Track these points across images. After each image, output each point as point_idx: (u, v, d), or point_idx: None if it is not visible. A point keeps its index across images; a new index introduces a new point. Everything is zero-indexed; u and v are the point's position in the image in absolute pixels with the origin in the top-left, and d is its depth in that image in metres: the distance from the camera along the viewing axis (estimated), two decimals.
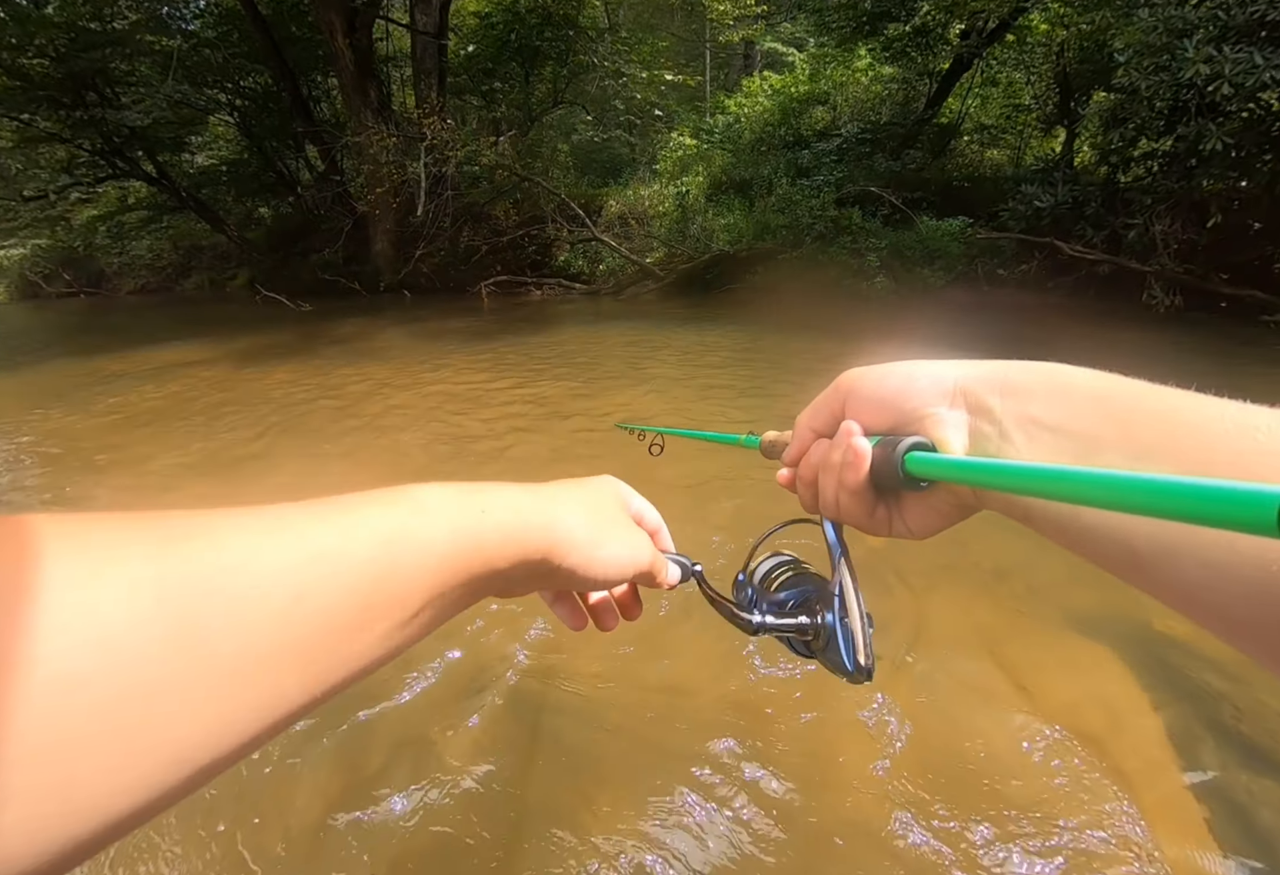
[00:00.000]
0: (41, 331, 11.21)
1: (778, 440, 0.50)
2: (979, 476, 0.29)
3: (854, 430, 0.36)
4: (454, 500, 0.31)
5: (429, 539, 0.28)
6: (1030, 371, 0.33)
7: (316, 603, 0.23)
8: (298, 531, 0.24)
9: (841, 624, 0.39)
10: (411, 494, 0.30)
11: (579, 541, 0.37)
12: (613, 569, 0.39)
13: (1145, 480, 0.19)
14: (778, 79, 12.82)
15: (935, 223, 8.20)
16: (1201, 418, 0.26)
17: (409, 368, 5.24)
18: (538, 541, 0.34)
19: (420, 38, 11.36)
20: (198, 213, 14.67)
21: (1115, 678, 1.54)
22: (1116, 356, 4.15)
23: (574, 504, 0.39)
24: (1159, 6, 6.16)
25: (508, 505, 0.34)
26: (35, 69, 11.85)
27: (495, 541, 0.31)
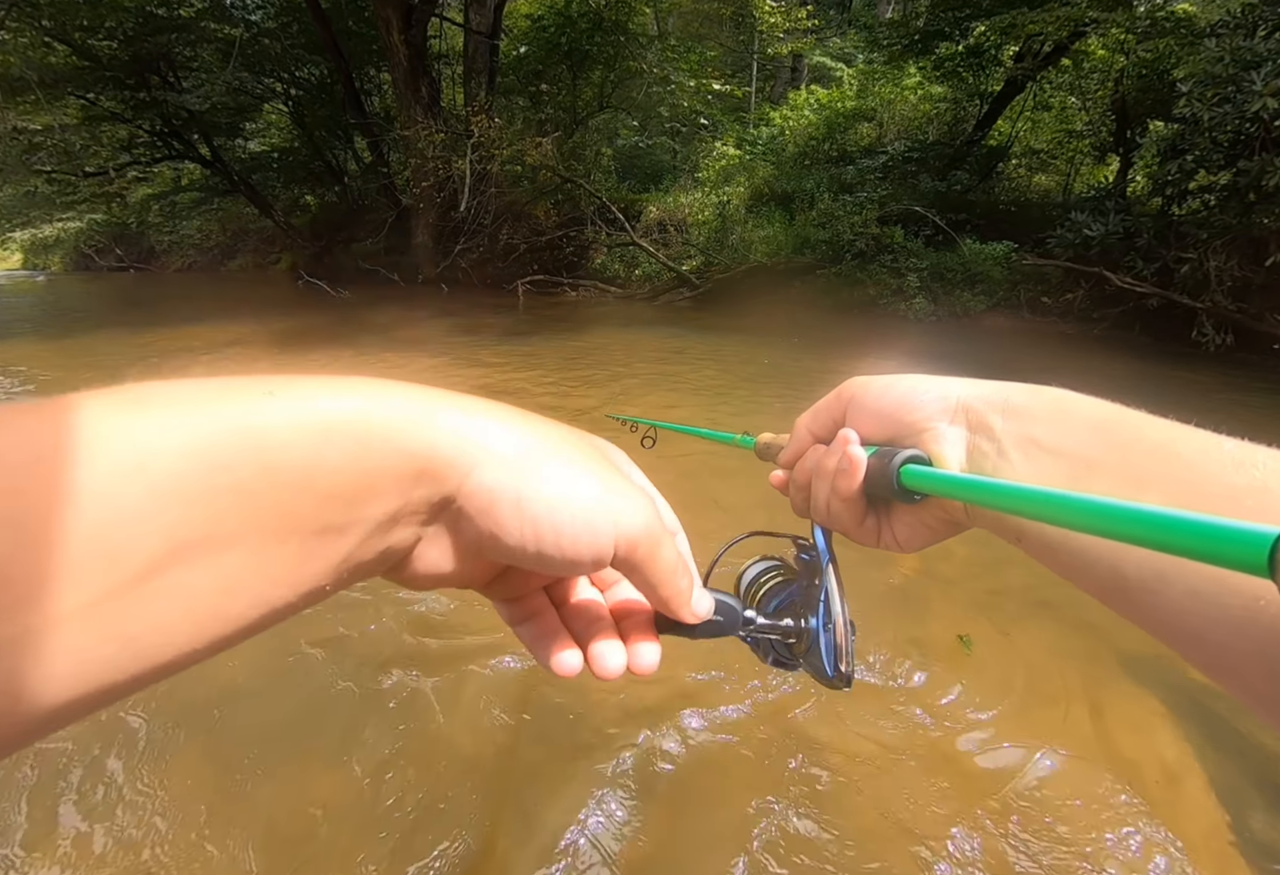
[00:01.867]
0: (93, 303, 11.54)
1: (773, 443, 0.50)
2: (973, 494, 0.28)
3: (851, 438, 0.36)
4: (217, 387, 0.21)
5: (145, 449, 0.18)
6: (1034, 394, 0.33)
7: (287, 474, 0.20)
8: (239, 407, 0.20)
9: (825, 630, 0.39)
10: (130, 391, 0.20)
11: (497, 451, 0.24)
12: (572, 523, 0.24)
13: (1139, 511, 0.19)
14: (824, 93, 12.78)
15: (979, 246, 8.11)
16: (1199, 451, 0.27)
17: (443, 359, 5.30)
18: (399, 436, 0.22)
19: (473, 37, 11.54)
20: (248, 197, 15.04)
21: (1167, 724, 1.49)
22: (1162, 393, 4.03)
23: (507, 417, 0.26)
24: (1226, 37, 6.03)
25: (338, 390, 0.22)
26: (104, 50, 12.28)
27: (299, 441, 0.20)
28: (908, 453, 0.34)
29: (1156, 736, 1.48)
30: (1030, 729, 1.47)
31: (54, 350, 6.07)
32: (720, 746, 1.40)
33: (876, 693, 1.57)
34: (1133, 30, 7.25)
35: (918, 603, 1.94)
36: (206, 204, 17.65)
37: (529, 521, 0.24)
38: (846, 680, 0.38)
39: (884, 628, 1.78)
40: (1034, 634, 1.83)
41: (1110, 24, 7.32)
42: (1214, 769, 1.39)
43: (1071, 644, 1.78)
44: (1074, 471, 0.29)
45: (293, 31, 12.97)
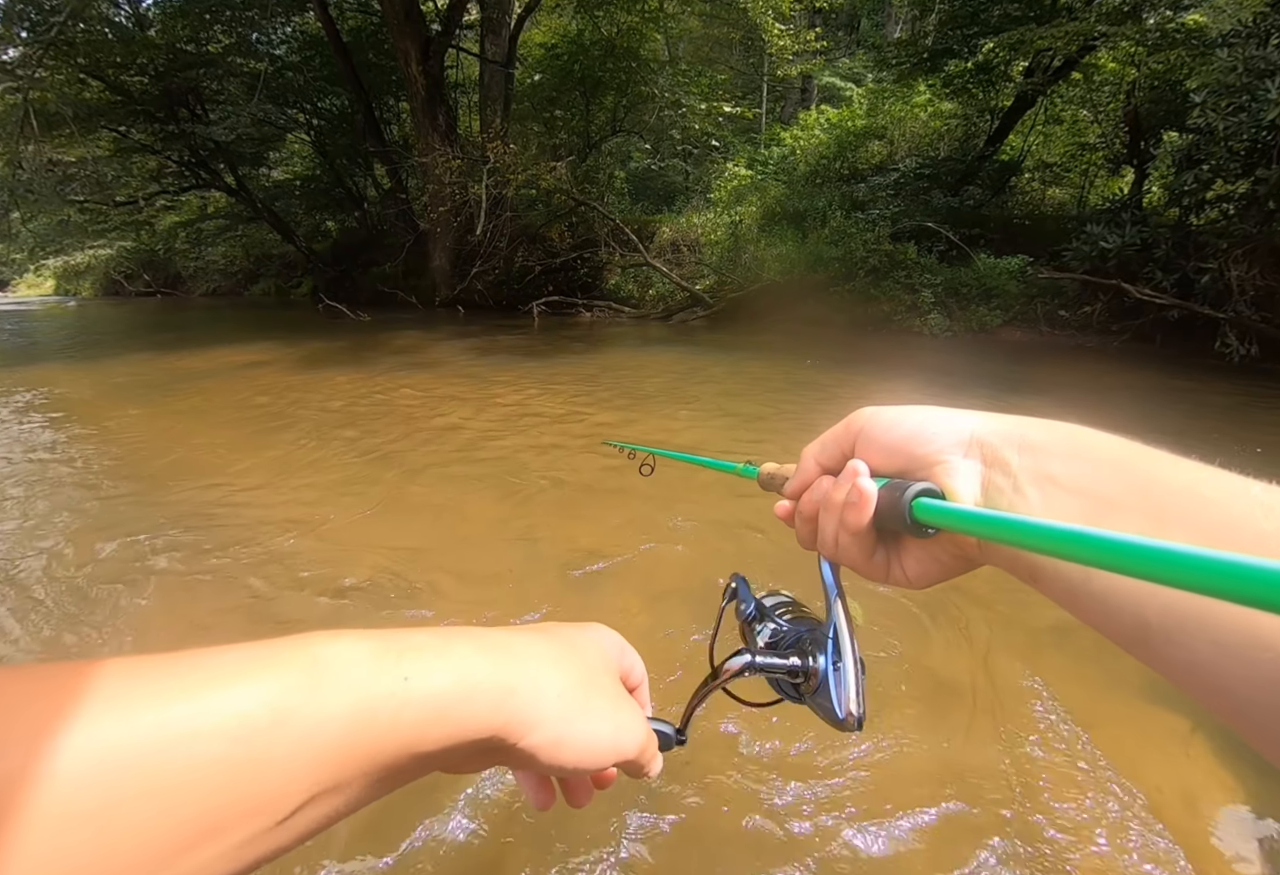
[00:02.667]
0: (121, 327, 11.86)
1: (777, 473, 0.48)
2: (990, 529, 0.27)
3: (860, 470, 0.35)
4: (368, 661, 0.24)
5: (315, 724, 0.22)
6: (1051, 430, 0.32)
7: (129, 818, 0.17)
8: (117, 716, 0.18)
9: (834, 669, 0.38)
10: (310, 654, 0.23)
11: (546, 717, 0.29)
12: (588, 755, 0.31)
13: (1171, 549, 0.18)
14: (834, 113, 12.91)
15: (993, 260, 8.08)
16: (1224, 493, 0.26)
17: (460, 380, 5.36)
18: (486, 717, 0.26)
19: (489, 66, 11.86)
20: (271, 223, 15.47)
21: (1189, 746, 1.44)
22: (1187, 405, 3.95)
23: (549, 662, 0.31)
24: (1238, 46, 6.02)
25: (449, 667, 0.26)
26: (135, 85, 12.81)
27: (420, 719, 0.24)
28: (920, 485, 0.33)
29: (1177, 758, 1.43)
30: (1046, 749, 1.43)
31: (82, 373, 6.24)
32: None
33: (886, 711, 1.54)
34: (1143, 43, 7.27)
35: (932, 621, 1.91)
36: (231, 231, 18.20)
37: (559, 760, 0.30)
38: (857, 722, 0.36)
39: (899, 642, 1.75)
40: (1050, 652, 1.78)
41: (1120, 37, 7.34)
42: (1240, 795, 1.34)
43: (1086, 665, 1.73)
44: (1093, 510, 0.28)
45: (315, 64, 13.46)
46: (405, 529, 2.53)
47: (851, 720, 0.36)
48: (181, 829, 0.18)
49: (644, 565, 2.23)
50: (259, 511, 2.70)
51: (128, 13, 13.21)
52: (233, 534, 2.47)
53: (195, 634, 1.88)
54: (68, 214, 15.54)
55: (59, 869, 0.16)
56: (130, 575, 2.17)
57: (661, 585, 2.10)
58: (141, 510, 2.70)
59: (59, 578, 2.16)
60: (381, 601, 2.02)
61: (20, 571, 2.20)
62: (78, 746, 0.17)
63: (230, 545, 2.38)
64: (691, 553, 2.31)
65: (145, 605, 2.01)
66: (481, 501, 2.81)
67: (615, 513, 2.66)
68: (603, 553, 2.30)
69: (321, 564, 2.24)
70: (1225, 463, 0.28)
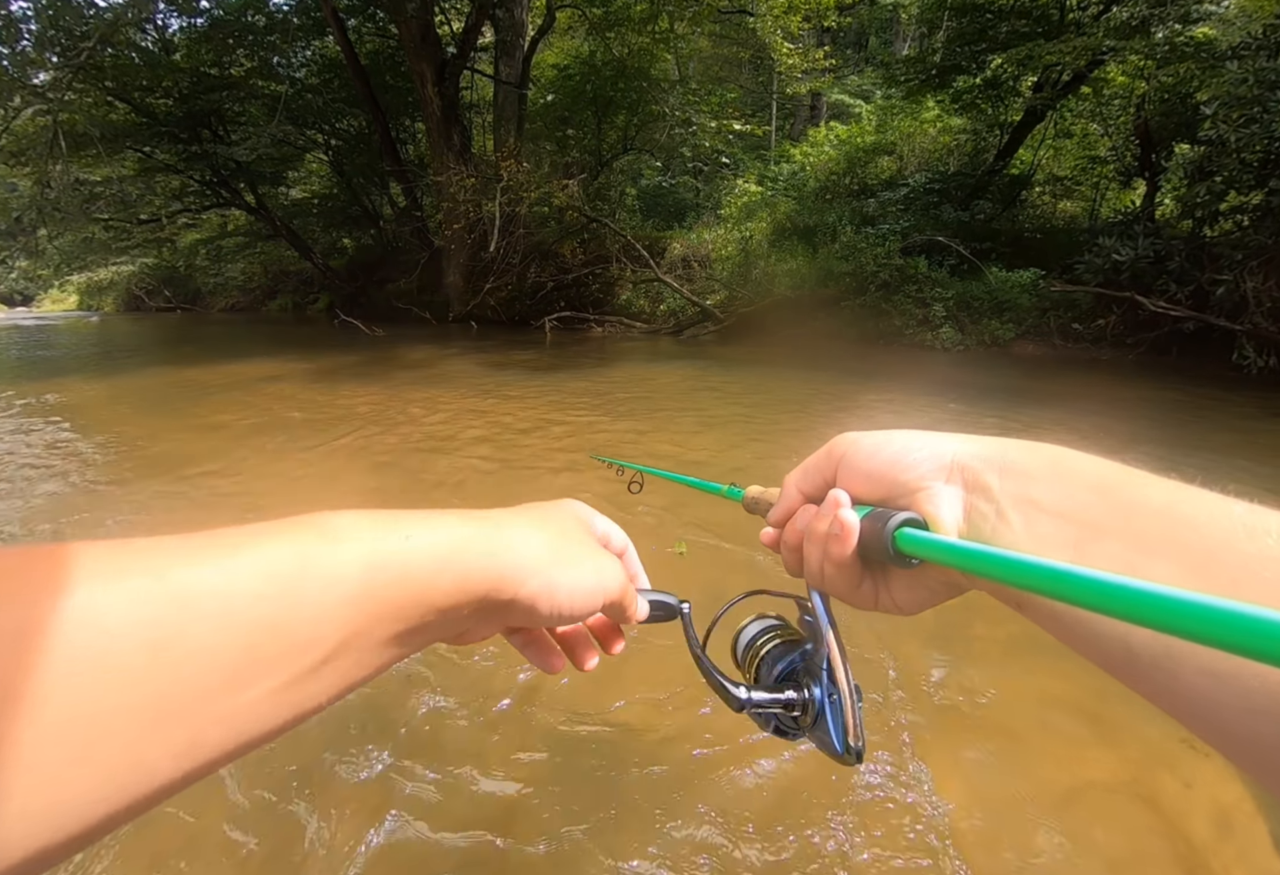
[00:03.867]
0: (143, 342, 12.09)
1: (762, 497, 0.48)
2: (973, 564, 0.27)
3: (842, 501, 0.35)
4: (371, 524, 0.28)
5: (336, 568, 0.25)
6: (1032, 453, 0.32)
7: (179, 653, 0.20)
8: (158, 571, 0.21)
9: (830, 701, 0.37)
10: (319, 520, 0.27)
11: (536, 565, 0.33)
12: (579, 596, 0.34)
13: (1154, 593, 0.18)
14: (844, 129, 13.02)
15: (1005, 274, 8.07)
16: (1206, 515, 0.25)
17: (473, 394, 5.41)
18: (482, 568, 0.30)
19: (503, 87, 12.11)
20: (289, 241, 15.77)
21: (1217, 765, 1.41)
22: (1205, 418, 3.89)
23: (527, 526, 0.35)
24: (1249, 58, 6.03)
25: (440, 529, 0.30)
26: (160, 107, 13.20)
27: (426, 570, 0.27)
28: (903, 515, 0.32)
29: (1205, 779, 1.40)
30: (1065, 771, 1.40)
31: (104, 387, 6.35)
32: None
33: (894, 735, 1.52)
34: (1152, 56, 7.29)
35: (950, 631, 1.88)
36: (250, 248, 18.60)
37: (556, 605, 0.34)
38: (857, 756, 0.36)
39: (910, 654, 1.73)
40: (1063, 670, 1.75)
41: (1128, 51, 7.37)
42: (1275, 818, 1.30)
43: (1105, 679, 1.70)
44: (1076, 535, 0.28)
45: (334, 87, 13.81)
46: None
47: (852, 754, 0.36)
48: (232, 659, 0.21)
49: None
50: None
51: (154, 38, 13.64)
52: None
53: None
54: (93, 231, 15.95)
55: (129, 690, 0.18)
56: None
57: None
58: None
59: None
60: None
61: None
62: (146, 587, 0.20)
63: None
64: (702, 561, 2.30)
65: None
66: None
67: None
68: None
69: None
70: (1230, 477, 0.28)
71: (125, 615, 0.19)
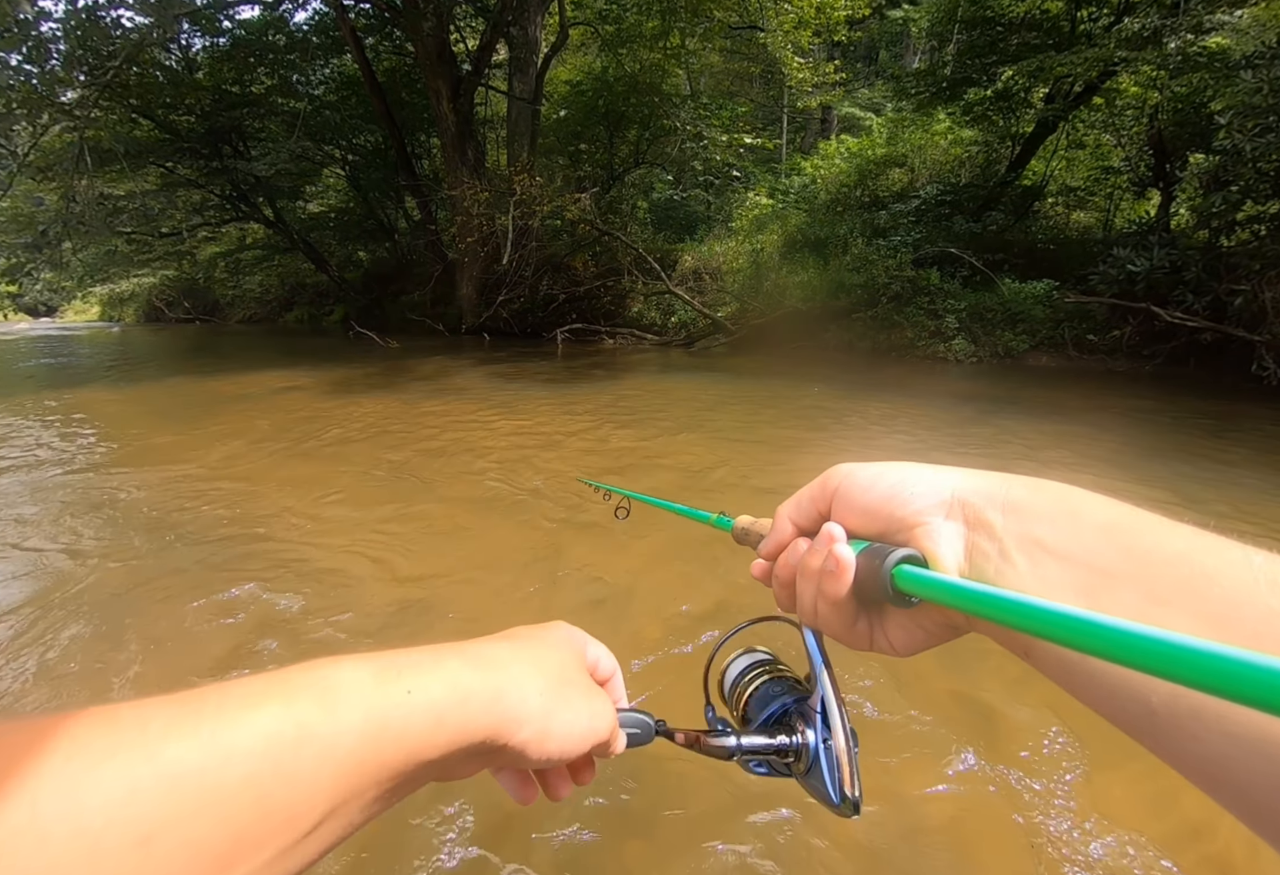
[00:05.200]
0: (162, 352, 12.29)
1: (752, 528, 0.46)
2: (979, 606, 0.25)
3: (837, 536, 0.33)
4: (373, 680, 0.26)
5: (334, 738, 0.23)
6: (1037, 490, 0.30)
7: (169, 845, 0.18)
8: (150, 749, 0.19)
9: (825, 747, 0.35)
10: (320, 677, 0.25)
11: (531, 714, 0.32)
12: (569, 743, 0.33)
13: (1186, 645, 0.16)
14: (855, 142, 13.05)
15: (1018, 285, 8.02)
16: (1223, 563, 0.24)
17: (484, 406, 5.44)
18: (480, 720, 0.29)
19: (516, 103, 12.27)
20: (306, 254, 16.03)
21: None
22: (1225, 431, 3.82)
23: (527, 665, 0.34)
24: (1263, 67, 5.99)
25: (443, 679, 0.28)
26: (183, 124, 13.55)
27: (423, 728, 0.26)
28: (901, 552, 0.30)
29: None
30: (1081, 789, 1.37)
31: (125, 396, 6.46)
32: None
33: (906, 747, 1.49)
34: (1164, 67, 7.26)
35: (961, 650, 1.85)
36: (267, 260, 18.92)
37: (546, 752, 0.32)
38: (854, 807, 0.34)
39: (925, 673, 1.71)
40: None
41: (1141, 62, 7.35)
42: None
43: None
44: (1085, 580, 0.26)
45: (351, 103, 14.09)
46: (437, 553, 2.56)
47: (849, 805, 0.34)
48: (221, 845, 0.19)
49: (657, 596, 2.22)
50: (313, 550, 2.75)
51: (178, 57, 14.00)
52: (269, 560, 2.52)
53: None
54: (115, 244, 16.28)
55: (158, 855, 0.18)
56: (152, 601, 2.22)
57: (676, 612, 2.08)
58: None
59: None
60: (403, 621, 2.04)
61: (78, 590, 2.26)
62: (136, 770, 0.19)
63: (271, 567, 2.42)
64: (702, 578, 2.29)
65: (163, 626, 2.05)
66: (505, 529, 2.83)
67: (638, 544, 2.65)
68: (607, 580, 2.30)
69: (346, 584, 2.27)
70: (1256, 490, 0.26)
71: (114, 808, 0.18)
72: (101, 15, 10.26)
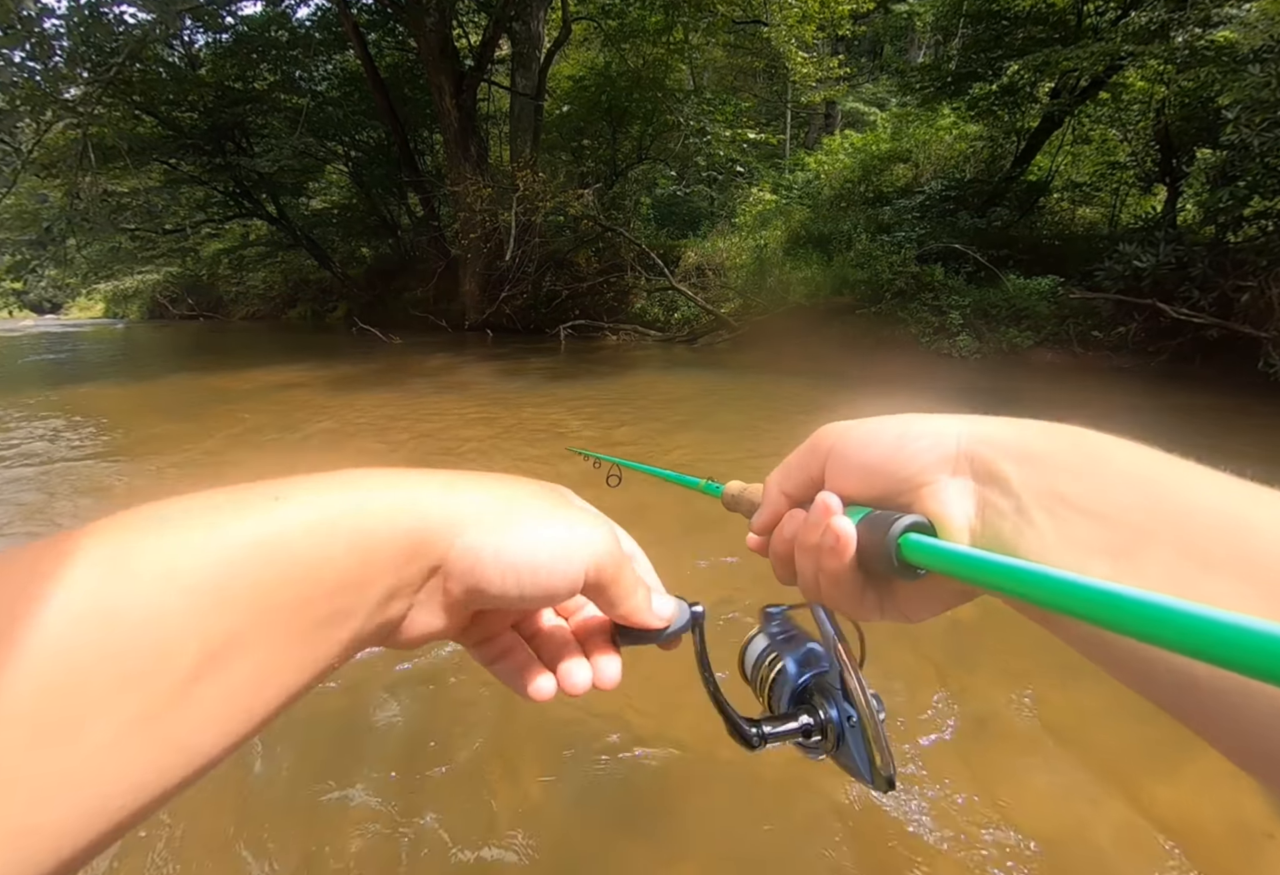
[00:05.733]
0: (166, 349, 12.34)
1: (743, 495, 0.43)
2: (993, 579, 0.22)
3: (833, 508, 0.30)
4: (228, 495, 0.22)
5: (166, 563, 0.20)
6: (1055, 436, 0.27)
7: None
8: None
9: (849, 723, 0.33)
10: (143, 511, 0.21)
11: (477, 513, 0.26)
12: (543, 559, 0.27)
13: (1237, 625, 0.15)
14: (859, 137, 13.00)
15: (1023, 281, 7.98)
16: (1273, 519, 0.21)
17: (487, 402, 5.44)
18: (391, 522, 0.24)
19: (519, 99, 12.24)
20: (309, 250, 16.05)
21: (1240, 779, 1.37)
22: (1232, 428, 3.82)
23: (477, 483, 0.29)
24: (1271, 62, 5.95)
25: (331, 487, 0.24)
26: (186, 121, 13.56)
27: (304, 539, 0.22)
28: (906, 519, 0.27)
29: (1227, 793, 1.36)
30: (1078, 787, 1.37)
31: (130, 393, 6.49)
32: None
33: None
34: (1171, 61, 7.20)
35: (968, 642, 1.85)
36: (271, 257, 18.94)
37: (509, 568, 0.26)
38: (888, 782, 0.32)
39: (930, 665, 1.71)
40: (1083, 684, 1.71)
41: (1148, 56, 7.30)
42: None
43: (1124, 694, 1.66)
44: (1118, 540, 0.23)
45: (354, 99, 14.07)
46: None
47: (882, 780, 0.32)
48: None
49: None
50: None
51: (181, 53, 14.02)
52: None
53: None
54: (119, 241, 16.32)
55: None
56: None
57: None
58: None
59: None
60: None
61: None
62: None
63: None
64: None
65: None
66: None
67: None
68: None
69: None
70: (1260, 478, 0.23)
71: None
72: (104, 12, 10.27)
